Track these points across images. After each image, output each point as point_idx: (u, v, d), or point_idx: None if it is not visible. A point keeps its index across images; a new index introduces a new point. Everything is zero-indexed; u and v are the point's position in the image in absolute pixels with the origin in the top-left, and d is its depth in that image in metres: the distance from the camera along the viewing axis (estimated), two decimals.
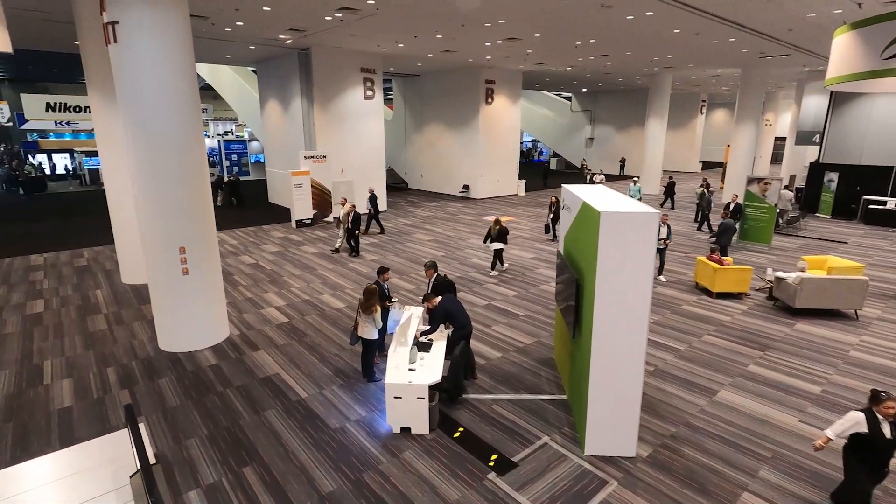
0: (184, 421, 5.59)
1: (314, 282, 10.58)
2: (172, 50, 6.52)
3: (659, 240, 9.52)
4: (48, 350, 7.36)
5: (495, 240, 11.04)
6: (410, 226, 16.48)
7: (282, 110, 18.90)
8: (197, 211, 7.07)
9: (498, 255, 11.19)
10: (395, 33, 13.81)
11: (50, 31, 13.20)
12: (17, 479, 4.60)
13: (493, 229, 11.05)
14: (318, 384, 6.41)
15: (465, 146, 22.49)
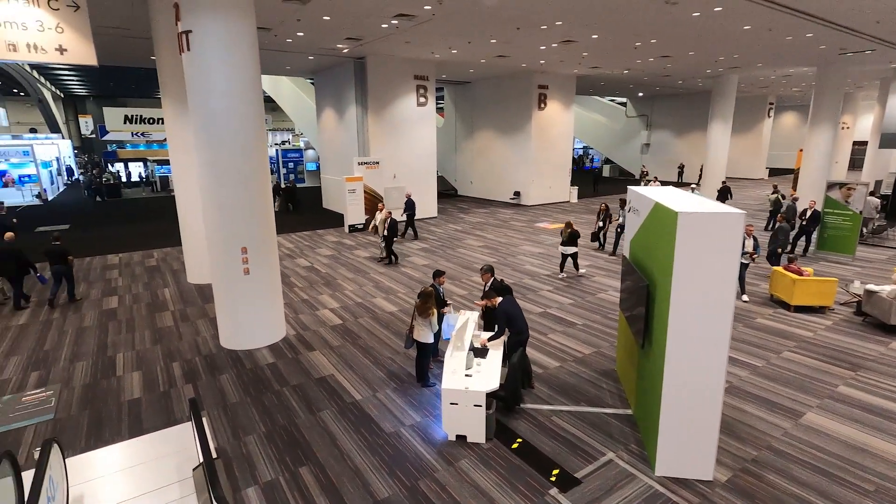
0: (243, 417, 5.67)
1: (367, 285, 10.64)
2: (240, 57, 6.75)
3: (744, 253, 8.89)
4: (121, 343, 7.75)
5: (566, 243, 10.84)
6: (461, 232, 16.37)
7: (337, 118, 19.40)
8: (258, 212, 7.26)
9: (571, 258, 11.10)
10: (450, 39, 13.83)
11: (129, 47, 14.17)
12: (90, 466, 4.80)
13: (563, 232, 10.86)
14: (372, 387, 6.36)
15: (517, 152, 22.21)
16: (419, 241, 15.04)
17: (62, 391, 6.30)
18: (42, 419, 5.66)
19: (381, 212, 12.60)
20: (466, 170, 25.69)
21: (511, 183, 22.74)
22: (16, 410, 5.85)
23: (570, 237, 10.76)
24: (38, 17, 8.72)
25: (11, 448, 5.09)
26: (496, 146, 23.31)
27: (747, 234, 9.25)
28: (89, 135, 42.14)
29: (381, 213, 12.54)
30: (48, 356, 7.31)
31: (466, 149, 25.36)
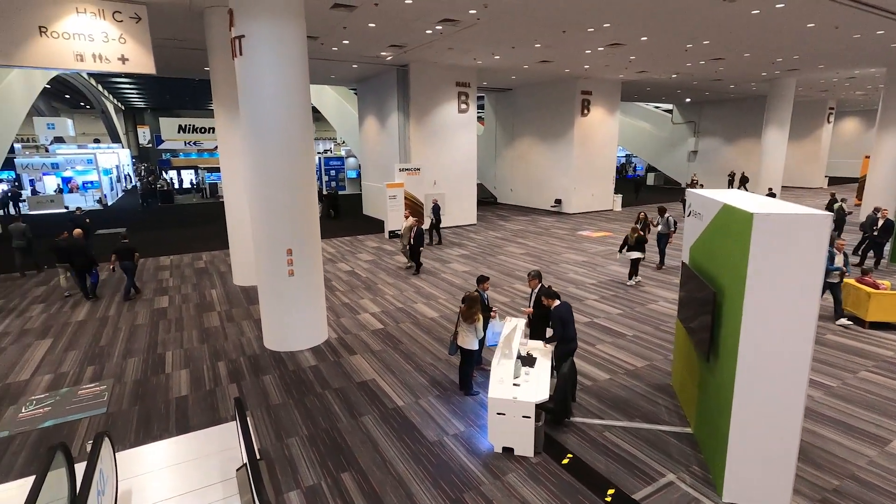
0: (285, 419, 5.63)
1: (407, 290, 10.56)
2: (290, 61, 6.83)
3: (833, 270, 8.27)
4: (170, 342, 7.93)
5: (633, 248, 10.49)
6: (501, 239, 16.12)
7: (379, 126, 19.62)
8: (303, 214, 7.29)
9: (634, 265, 10.76)
10: (493, 45, 13.72)
11: (185, 58, 14.80)
12: (138, 461, 4.84)
13: (630, 237, 10.55)
14: (415, 393, 6.20)
15: (558, 159, 21.80)
16: (448, 247, 14.87)
17: (115, 386, 6.46)
18: (95, 413, 5.80)
19: (406, 220, 12.30)
20: (506, 177, 25.44)
21: (552, 190, 22.32)
22: (72, 403, 6.03)
23: (637, 242, 10.49)
24: (104, 28, 9.17)
25: (66, 440, 5.22)
26: (537, 153, 22.97)
27: (837, 249, 8.56)
28: (146, 144, 44.60)
29: (408, 221, 12.15)
30: (103, 352, 7.56)
31: (506, 156, 25.13)
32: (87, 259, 10.05)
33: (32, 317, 9.13)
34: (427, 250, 14.59)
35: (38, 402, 6.06)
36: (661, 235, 12.12)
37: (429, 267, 12.52)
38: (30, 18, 8.67)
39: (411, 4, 9.82)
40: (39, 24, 8.74)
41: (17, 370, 6.95)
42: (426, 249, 14.59)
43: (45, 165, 26.95)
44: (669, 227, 11.94)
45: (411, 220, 11.97)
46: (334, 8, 9.97)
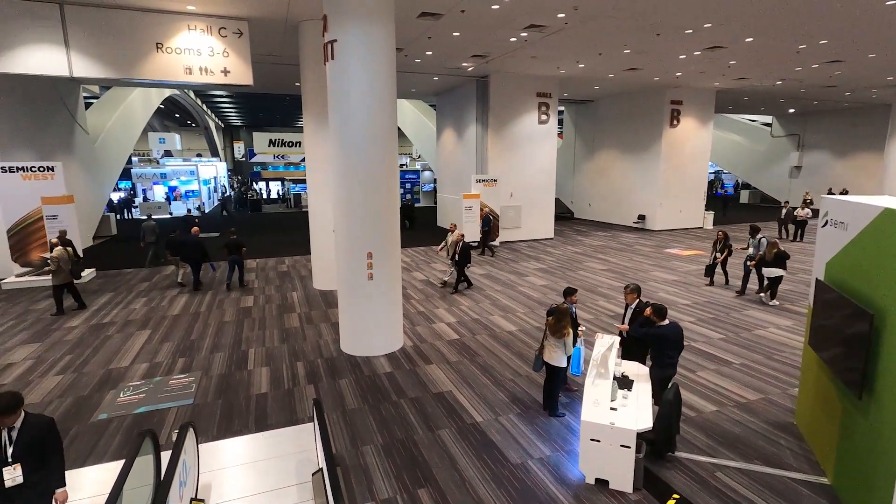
0: (361, 425, 5.44)
1: (483, 302, 10.20)
2: (379, 64, 6.84)
3: None
4: (253, 339, 8.15)
5: (771, 264, 9.61)
6: (580, 254, 15.33)
7: (457, 137, 19.65)
8: (385, 218, 7.22)
9: (774, 284, 9.84)
10: (579, 52, 13.22)
11: (278, 74, 15.70)
12: (219, 454, 4.84)
13: (768, 254, 9.68)
14: (494, 409, 5.79)
15: (643, 173, 20.59)
16: (525, 261, 14.31)
17: (202, 378, 6.66)
18: (183, 403, 5.97)
19: (452, 233, 11.40)
20: (585, 192, 24.48)
21: (635, 206, 21.09)
22: (163, 392, 6.27)
23: (776, 258, 9.55)
24: (210, 43, 9.83)
25: (155, 427, 5.38)
26: (619, 167, 21.88)
27: None
28: (240, 158, 48.31)
29: (453, 234, 11.29)
30: (193, 345, 7.90)
31: (586, 170, 24.21)
32: (203, 253, 11.28)
33: (136, 309, 9.83)
34: (502, 263, 14.18)
35: (134, 389, 6.36)
36: (753, 259, 10.43)
37: (504, 279, 12.10)
38: (150, 36, 9.50)
39: (498, 10, 9.64)
40: (157, 41, 9.55)
41: (119, 357, 7.41)
42: (492, 261, 14.19)
43: (155, 175, 29.85)
44: (760, 250, 10.24)
45: (457, 233, 11.20)
46: (421, 17, 10.05)
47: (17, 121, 12.90)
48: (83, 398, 6.12)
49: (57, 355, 7.48)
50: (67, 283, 9.39)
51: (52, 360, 7.28)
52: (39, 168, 11.61)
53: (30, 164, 11.55)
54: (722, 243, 11.20)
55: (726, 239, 11.22)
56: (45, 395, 6.21)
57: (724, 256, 11.13)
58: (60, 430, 5.38)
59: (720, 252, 11.19)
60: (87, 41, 9.17)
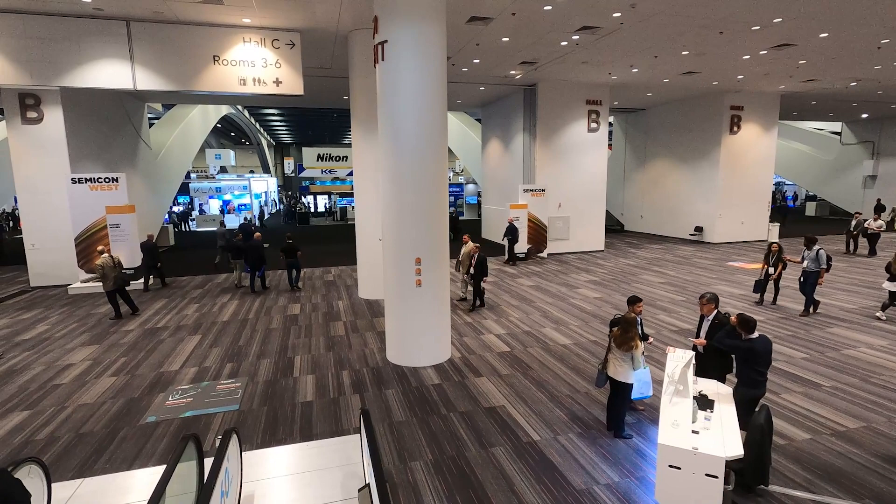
0: (409, 439, 5.11)
1: (533, 314, 9.72)
2: (429, 64, 6.67)
3: None
4: (299, 347, 8.03)
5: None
6: (634, 266, 14.54)
7: (502, 148, 19.35)
8: (434, 223, 6.96)
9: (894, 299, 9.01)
10: (633, 55, 12.68)
11: (328, 88, 15.97)
12: (263, 463, 4.63)
13: (893, 266, 8.87)
14: (552, 427, 5.32)
15: (700, 183, 19.51)
16: (575, 273, 13.66)
17: (248, 384, 6.56)
18: (229, 409, 5.86)
19: (466, 244, 10.40)
20: (635, 203, 23.51)
21: (691, 217, 19.98)
22: (210, 396, 6.19)
23: None
24: (264, 55, 10.03)
25: (201, 432, 5.26)
26: (673, 177, 20.87)
27: None
28: (290, 173, 50.07)
29: (466, 246, 10.27)
30: (240, 351, 7.87)
31: (636, 180, 23.28)
32: (261, 257, 11.92)
33: (188, 314, 10.00)
34: (551, 275, 13.63)
35: (182, 393, 6.32)
36: (809, 273, 9.32)
37: (555, 291, 11.55)
38: (208, 49, 9.81)
39: (550, 11, 9.34)
40: (214, 54, 9.84)
41: (170, 361, 7.46)
42: (540, 272, 13.64)
43: (211, 189, 31.22)
44: (821, 264, 9.14)
45: (471, 245, 10.23)
46: (470, 22, 9.89)
47: (88, 136, 13.68)
48: (134, 400, 6.12)
49: (112, 357, 7.63)
50: (118, 288, 9.64)
51: (107, 362, 7.42)
52: (105, 179, 12.19)
53: (97, 176, 12.15)
54: (776, 256, 9.90)
55: (780, 252, 9.91)
56: (98, 395, 6.27)
57: (778, 271, 9.84)
58: (111, 431, 5.41)
59: (773, 266, 9.95)
60: (150, 55, 9.56)
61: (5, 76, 9.03)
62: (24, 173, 12.45)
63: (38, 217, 12.65)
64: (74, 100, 12.89)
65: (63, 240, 12.39)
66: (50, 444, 5.10)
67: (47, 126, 12.35)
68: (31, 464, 3.46)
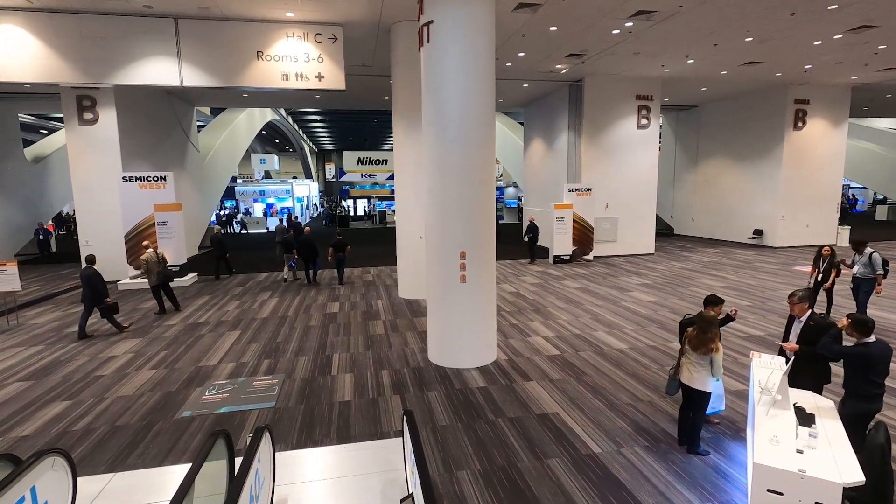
0: (454, 445, 4.66)
1: (583, 317, 9.10)
2: (477, 48, 6.27)
3: None
4: (338, 345, 7.75)
5: None
6: (689, 270, 13.59)
7: (546, 148, 18.74)
8: (480, 214, 6.52)
9: None
10: (690, 43, 11.87)
11: (368, 88, 15.88)
12: (298, 465, 4.30)
13: None
14: (614, 439, 4.74)
15: (760, 184, 18.21)
16: (625, 275, 12.84)
17: (285, 381, 6.29)
18: (265, 406, 5.59)
19: None
20: (686, 206, 22.30)
21: (749, 219, 18.68)
22: (246, 393, 5.96)
23: None
24: (306, 49, 9.92)
25: (235, 429, 5.00)
26: (729, 177, 19.62)
27: None
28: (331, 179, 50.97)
29: None
30: (279, 347, 7.66)
31: (687, 181, 22.09)
32: (314, 251, 12.50)
33: (229, 311, 9.96)
34: (599, 277, 12.90)
35: (219, 388, 6.12)
36: (861, 280, 8.03)
37: (604, 294, 10.85)
38: (251, 45, 9.79)
39: None
40: (258, 50, 9.81)
41: (209, 356, 7.32)
42: (580, 274, 12.91)
43: (256, 193, 31.99)
44: (876, 269, 7.85)
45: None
46: (518, 9, 9.45)
47: (139, 137, 14.08)
48: (171, 394, 5.96)
49: (154, 350, 7.57)
50: (161, 284, 9.68)
51: (149, 355, 7.36)
52: (154, 177, 12.44)
53: (146, 174, 12.42)
54: (827, 261, 8.55)
55: (833, 256, 8.53)
56: (137, 388, 6.15)
57: (832, 279, 8.38)
58: (146, 425, 5.25)
59: (823, 273, 8.57)
60: (196, 52, 9.63)
61: (62, 74, 9.29)
62: (79, 173, 12.90)
63: (92, 215, 13.07)
64: (127, 101, 13.28)
65: (114, 237, 12.73)
66: (86, 436, 4.96)
67: (102, 127, 12.76)
68: (56, 455, 3.23)
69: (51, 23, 9.10)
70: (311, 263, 12.62)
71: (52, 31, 9.13)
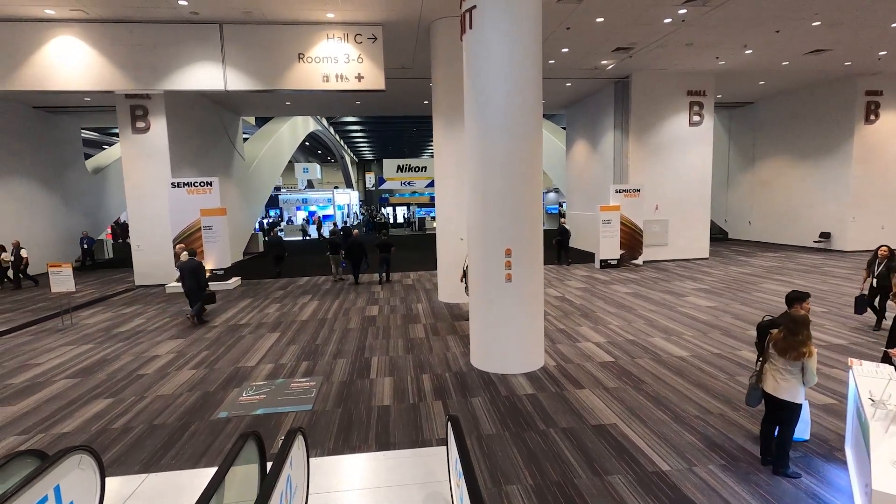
0: (502, 457, 4.25)
1: (636, 322, 8.47)
2: (522, 32, 5.91)
3: None
4: (377, 348, 7.49)
5: None
6: (750, 275, 12.60)
7: (590, 149, 18.08)
8: (527, 208, 6.11)
9: None
10: (749, 31, 11.07)
11: (408, 92, 15.83)
12: (335, 472, 4.01)
13: None
14: (684, 455, 4.20)
15: (826, 183, 16.85)
16: (679, 280, 12.00)
17: (323, 384, 6.06)
18: (301, 409, 5.36)
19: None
20: (742, 209, 20.98)
21: (814, 221, 17.30)
22: (283, 394, 5.76)
23: None
24: (346, 50, 9.86)
25: (271, 432, 4.78)
26: (790, 177, 18.28)
27: None
28: (371, 187, 51.71)
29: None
30: (317, 350, 7.47)
31: (743, 182, 20.80)
32: (362, 251, 12.74)
33: (269, 313, 9.93)
34: (650, 282, 12.14)
35: (256, 389, 5.96)
36: None
37: (657, 299, 10.14)
38: (293, 48, 9.83)
39: None
40: (299, 52, 9.83)
41: (248, 356, 7.22)
42: (627, 278, 12.16)
43: (298, 200, 32.70)
44: None
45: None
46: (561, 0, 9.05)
47: (187, 145, 14.51)
48: (209, 394, 5.84)
49: (195, 351, 7.55)
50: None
51: (190, 355, 7.34)
52: (200, 183, 12.72)
53: (193, 180, 12.72)
54: (883, 264, 7.49)
55: (893, 258, 7.44)
56: (177, 387, 6.08)
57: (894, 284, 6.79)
58: (182, 425, 5.13)
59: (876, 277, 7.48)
60: (239, 56, 9.75)
61: (114, 82, 9.60)
62: (132, 180, 13.38)
63: (144, 220, 13.49)
64: (176, 111, 13.72)
65: (163, 242, 13.08)
66: (123, 434, 4.87)
67: (153, 135, 13.20)
68: (83, 453, 3.06)
69: (106, 33, 9.44)
70: (357, 264, 12.85)
71: (107, 41, 9.46)
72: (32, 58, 9.34)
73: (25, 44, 9.29)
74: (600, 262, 14.45)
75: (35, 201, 15.88)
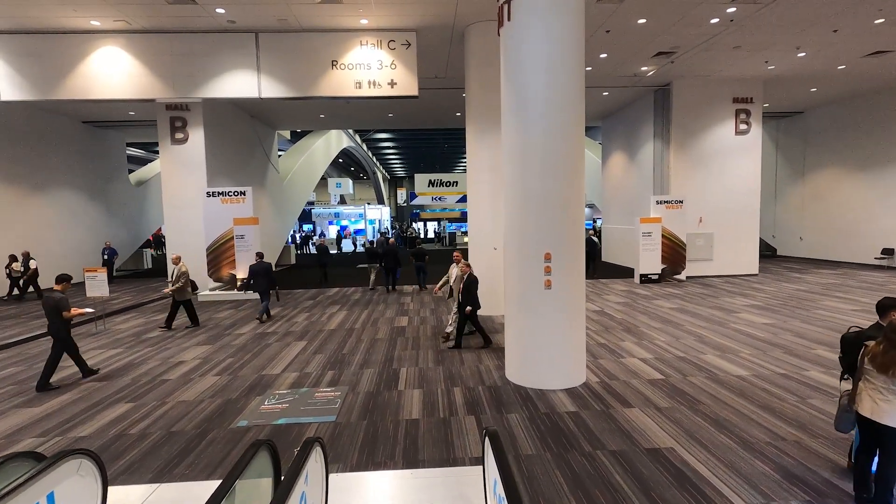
0: (544, 481, 3.77)
1: (684, 338, 7.81)
2: (563, 24, 5.57)
3: None
4: (405, 358, 7.12)
5: None
6: (806, 292, 11.65)
7: (627, 160, 17.46)
8: (567, 209, 5.68)
9: None
10: (802, 31, 10.41)
11: (440, 104, 15.72)
12: (357, 490, 3.62)
13: None
14: (757, 487, 3.61)
15: (889, 195, 15.64)
16: (728, 296, 11.16)
17: (348, 394, 5.72)
18: (325, 419, 5.01)
19: (457, 264, 8.02)
20: (792, 224, 19.76)
21: (875, 237, 16.05)
22: (307, 404, 5.44)
23: None
24: (380, 57, 9.75)
25: (292, 444, 4.44)
26: (846, 190, 17.11)
27: None
28: (402, 203, 52.08)
29: (458, 265, 7.95)
30: (344, 359, 7.16)
31: (793, 196, 19.63)
32: (397, 260, 13.41)
33: (297, 322, 9.73)
34: (697, 297, 11.37)
35: (279, 398, 5.66)
36: None
37: (706, 315, 9.42)
38: (326, 55, 9.80)
39: None
40: (333, 59, 9.79)
41: (273, 364, 6.97)
42: (673, 294, 11.39)
43: (331, 215, 33.05)
44: None
45: (462, 264, 7.80)
46: (601, 0, 8.69)
47: (223, 156, 14.73)
48: (231, 401, 5.59)
49: (220, 357, 7.37)
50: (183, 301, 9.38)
51: (215, 361, 7.15)
52: (234, 192, 12.83)
53: (227, 189, 12.84)
54: None
55: None
56: (199, 393, 5.86)
57: None
58: (201, 433, 4.86)
59: None
60: (274, 64, 9.79)
61: (154, 91, 9.78)
62: (170, 190, 13.62)
63: (180, 230, 13.67)
64: (213, 123, 13.97)
65: (197, 251, 13.18)
66: (140, 440, 4.63)
67: (191, 145, 13.45)
68: (84, 458, 2.79)
69: (147, 43, 9.66)
70: (392, 272, 13.45)
71: (149, 51, 9.67)
72: (79, 68, 9.62)
73: (72, 55, 9.59)
74: (640, 277, 13.72)
75: (79, 211, 16.43)
